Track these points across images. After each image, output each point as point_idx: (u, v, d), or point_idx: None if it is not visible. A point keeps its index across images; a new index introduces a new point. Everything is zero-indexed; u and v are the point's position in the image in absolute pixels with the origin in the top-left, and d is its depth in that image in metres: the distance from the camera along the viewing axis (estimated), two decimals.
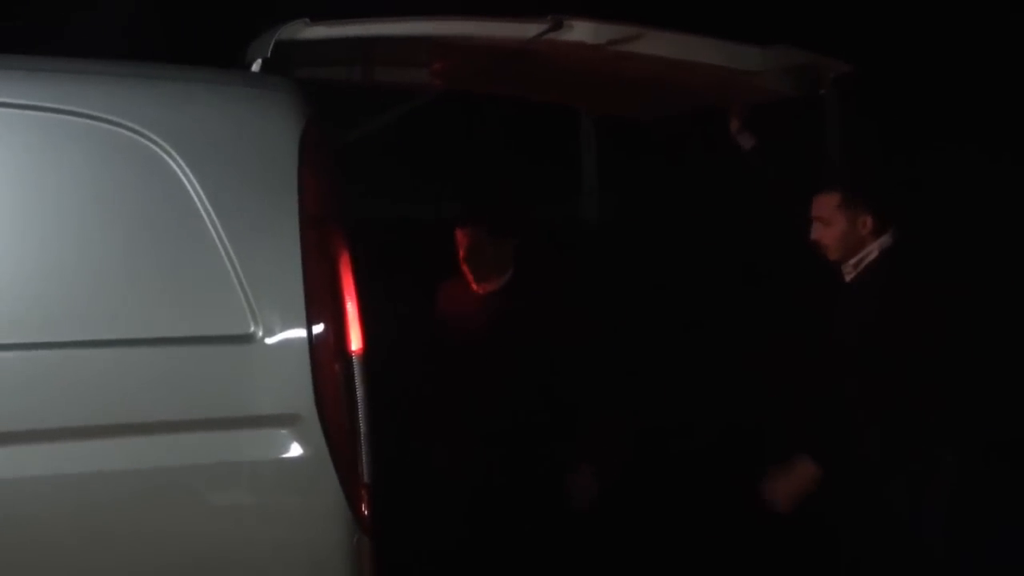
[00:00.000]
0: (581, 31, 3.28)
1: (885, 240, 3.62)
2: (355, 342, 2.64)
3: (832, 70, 3.74)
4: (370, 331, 2.66)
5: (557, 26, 3.24)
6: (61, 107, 2.57)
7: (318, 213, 2.65)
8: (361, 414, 2.62)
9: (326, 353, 2.60)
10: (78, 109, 2.58)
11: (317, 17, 3.18)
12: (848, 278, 3.66)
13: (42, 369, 2.51)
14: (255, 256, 2.59)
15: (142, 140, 2.59)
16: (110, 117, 2.58)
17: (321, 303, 2.61)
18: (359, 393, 2.63)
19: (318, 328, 2.60)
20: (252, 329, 2.58)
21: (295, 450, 2.58)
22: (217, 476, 2.58)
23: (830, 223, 3.61)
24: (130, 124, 2.59)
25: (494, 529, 3.70)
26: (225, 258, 2.58)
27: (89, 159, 2.58)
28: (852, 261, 3.64)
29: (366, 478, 2.63)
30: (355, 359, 2.63)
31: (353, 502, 2.61)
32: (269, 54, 2.97)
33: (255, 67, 2.98)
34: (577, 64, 3.57)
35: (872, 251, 3.61)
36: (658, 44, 3.38)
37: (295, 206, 2.63)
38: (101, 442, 2.52)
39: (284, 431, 2.58)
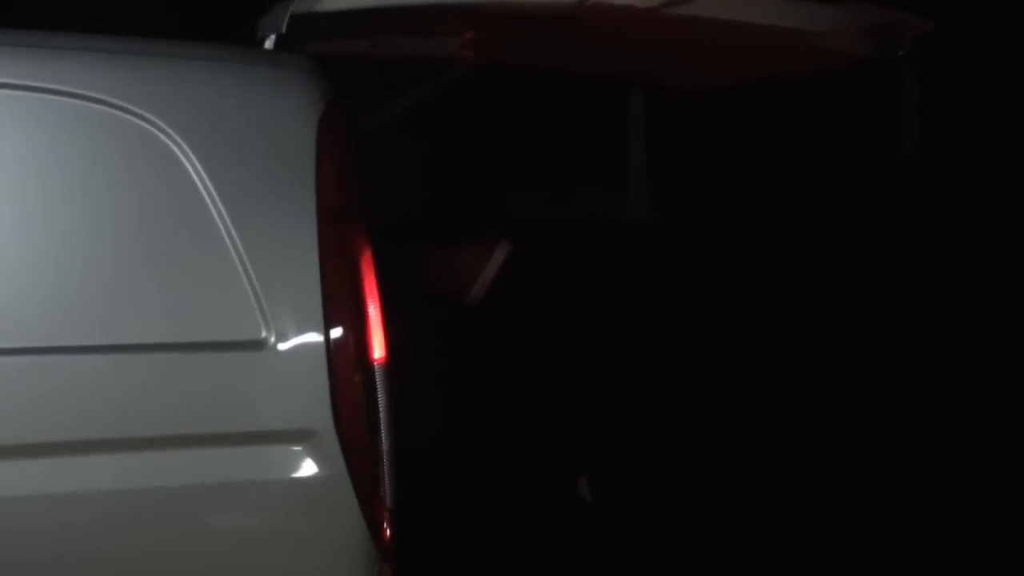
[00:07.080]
0: None
1: (503, 246, 3.60)
2: (378, 350, 2.52)
3: (912, 29, 3.49)
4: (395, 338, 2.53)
5: None
6: (51, 87, 2.42)
7: (338, 206, 2.52)
8: (384, 430, 2.50)
9: (345, 362, 2.47)
10: (71, 89, 2.42)
11: None
12: (475, 301, 3.63)
13: (23, 378, 2.36)
14: (267, 253, 2.46)
15: (142, 124, 2.44)
16: (106, 98, 2.43)
17: (340, 306, 2.48)
18: (382, 406, 2.50)
19: (337, 333, 2.46)
20: (263, 334, 2.44)
21: (309, 469, 2.45)
22: (222, 497, 2.44)
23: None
24: (129, 107, 2.44)
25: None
26: (234, 255, 2.45)
27: (82, 145, 2.43)
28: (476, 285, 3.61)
29: (389, 501, 2.50)
30: (377, 368, 2.51)
31: (374, 527, 2.48)
32: (284, 29, 2.82)
33: (268, 44, 2.91)
34: (626, 31, 3.44)
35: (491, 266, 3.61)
36: (717, 5, 3.17)
37: (312, 198, 2.50)
38: (91, 458, 2.38)
39: (298, 448, 2.45)
